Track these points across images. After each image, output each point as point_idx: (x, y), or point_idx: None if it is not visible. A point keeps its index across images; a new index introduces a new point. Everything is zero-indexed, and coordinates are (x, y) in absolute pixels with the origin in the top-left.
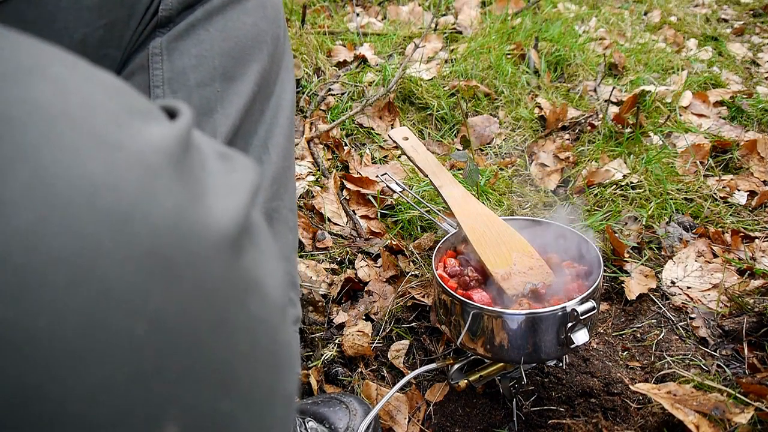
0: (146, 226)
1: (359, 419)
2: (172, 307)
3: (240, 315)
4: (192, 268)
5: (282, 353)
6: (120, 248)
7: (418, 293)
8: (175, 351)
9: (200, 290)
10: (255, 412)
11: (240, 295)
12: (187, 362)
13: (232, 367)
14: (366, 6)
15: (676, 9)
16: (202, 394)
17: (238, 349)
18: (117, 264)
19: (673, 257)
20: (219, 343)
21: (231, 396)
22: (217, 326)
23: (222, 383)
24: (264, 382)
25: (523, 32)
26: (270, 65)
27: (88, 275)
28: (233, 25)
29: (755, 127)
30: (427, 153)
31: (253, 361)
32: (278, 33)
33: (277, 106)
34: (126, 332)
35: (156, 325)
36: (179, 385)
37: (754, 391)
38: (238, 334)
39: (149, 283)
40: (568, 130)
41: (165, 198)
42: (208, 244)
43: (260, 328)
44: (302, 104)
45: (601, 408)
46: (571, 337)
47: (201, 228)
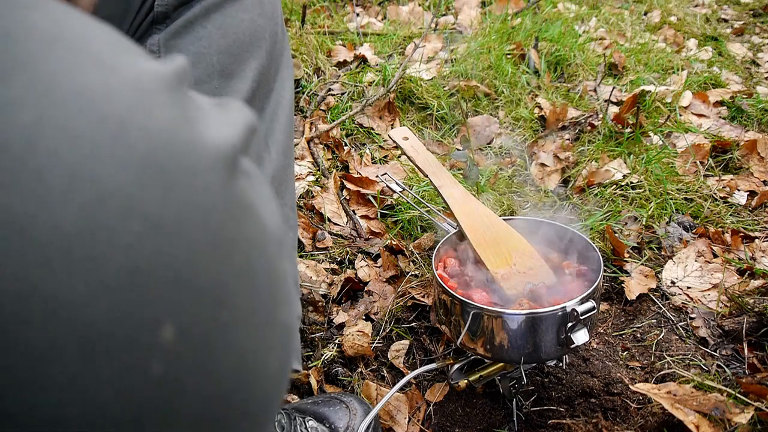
0: (142, 135)
1: (359, 419)
2: (167, 212)
3: (235, 233)
4: (187, 179)
5: (279, 284)
6: (116, 151)
7: (418, 293)
8: (170, 254)
9: (195, 200)
10: (253, 332)
11: (235, 213)
12: (182, 267)
13: (227, 282)
14: (366, 6)
15: (676, 9)
16: (198, 301)
17: (233, 266)
18: (113, 165)
19: (673, 257)
20: (213, 254)
21: (228, 309)
22: (212, 237)
23: (218, 295)
24: (261, 305)
25: (523, 32)
26: (269, 62)
27: (86, 173)
28: (231, 22)
29: (755, 127)
30: (427, 153)
31: (249, 281)
32: (276, 30)
33: (277, 104)
34: (121, 232)
35: (151, 226)
36: (175, 288)
37: (754, 391)
38: (233, 250)
39: (145, 186)
40: (568, 130)
41: (160, 114)
42: (202, 160)
43: (255, 251)
44: (302, 104)
45: (601, 408)
46: (571, 337)
47: (196, 144)
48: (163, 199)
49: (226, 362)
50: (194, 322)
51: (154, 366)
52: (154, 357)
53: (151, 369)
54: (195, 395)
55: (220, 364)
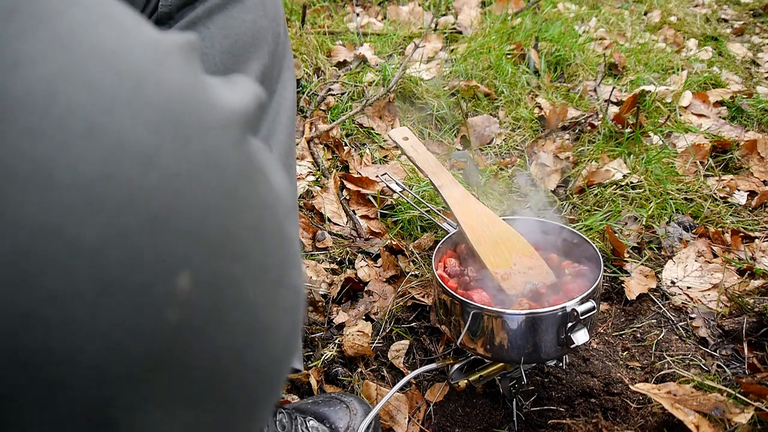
0: (158, 91)
1: (359, 419)
2: (183, 165)
3: (247, 191)
4: (202, 135)
5: (288, 247)
6: (133, 104)
7: (418, 293)
8: (186, 206)
9: (209, 156)
10: (265, 289)
11: (247, 173)
12: (197, 219)
13: (240, 237)
14: (366, 6)
15: (676, 9)
16: (214, 253)
17: (246, 222)
18: (131, 117)
19: (673, 257)
20: (227, 209)
21: (242, 264)
22: (226, 193)
23: (231, 249)
24: (273, 264)
25: (523, 32)
26: (271, 63)
27: (104, 124)
28: (234, 23)
29: (755, 127)
30: (427, 153)
31: (261, 239)
32: (278, 31)
33: (279, 105)
34: (139, 180)
35: (167, 177)
36: (191, 238)
37: (754, 391)
38: (246, 208)
39: (162, 139)
40: (568, 130)
41: (175, 73)
42: (217, 118)
43: (267, 212)
44: (302, 104)
45: (601, 408)
46: (571, 337)
47: (210, 104)
48: (179, 152)
49: (239, 315)
50: (209, 273)
51: (170, 312)
52: (170, 304)
53: (167, 315)
54: (209, 345)
55: (233, 317)
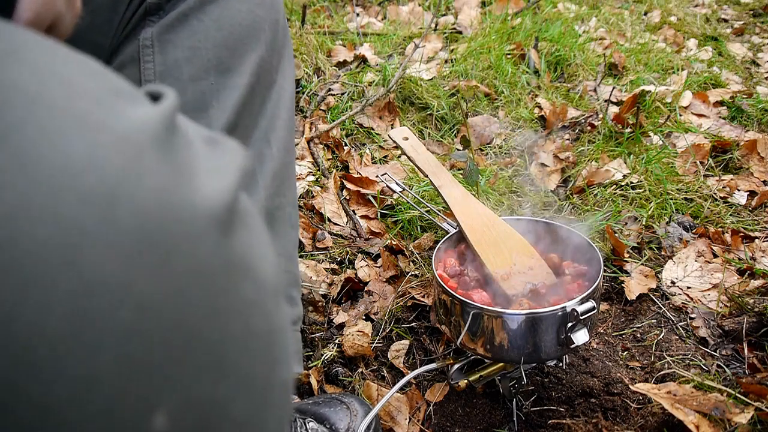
0: (131, 208)
1: (360, 420)
2: (160, 291)
3: (232, 298)
4: (179, 251)
5: (277, 339)
6: (104, 232)
7: (418, 293)
8: (165, 337)
9: (189, 273)
10: (251, 400)
11: (231, 277)
12: (177, 348)
13: (225, 353)
14: (366, 6)
15: (676, 9)
16: (195, 380)
17: (231, 334)
18: (101, 249)
19: (673, 257)
20: (211, 327)
21: (226, 383)
22: (208, 310)
23: (216, 369)
24: (260, 368)
25: (523, 32)
26: (269, 54)
27: (72, 262)
28: (228, 14)
29: (755, 127)
30: (427, 153)
31: (248, 346)
32: (277, 19)
33: (279, 98)
34: (112, 321)
35: (143, 311)
36: (170, 372)
37: (754, 391)
38: (230, 318)
39: (135, 268)
40: (568, 130)
41: (150, 178)
42: (195, 225)
43: (254, 312)
44: (302, 104)
45: (601, 408)
46: (571, 337)
47: (188, 208)
48: (155, 281)
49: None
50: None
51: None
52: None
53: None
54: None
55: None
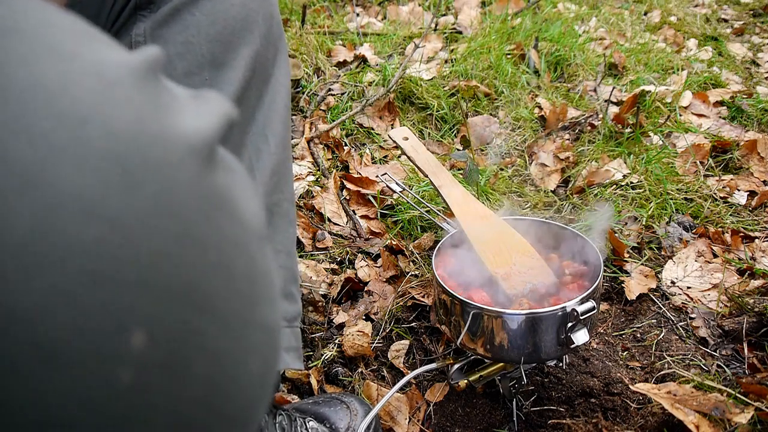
0: (104, 132)
1: (360, 419)
2: (131, 211)
3: (209, 230)
4: (154, 176)
5: (260, 283)
6: (75, 151)
7: (418, 293)
8: (135, 256)
9: (162, 198)
10: (231, 335)
11: (209, 209)
12: (149, 269)
13: (200, 283)
14: (366, 6)
15: (676, 9)
16: (171, 304)
17: (206, 265)
18: (71, 167)
19: (673, 257)
20: (184, 254)
21: (202, 312)
22: (182, 237)
23: (191, 298)
24: (239, 306)
25: (523, 32)
26: (264, 47)
27: (41, 176)
28: (220, 8)
29: (755, 127)
30: (427, 153)
31: (225, 281)
32: (271, 11)
33: (275, 92)
34: (80, 234)
35: (113, 228)
36: (142, 292)
37: (754, 391)
38: (206, 249)
39: (107, 189)
40: (568, 130)
41: (125, 106)
42: (172, 153)
43: (232, 249)
44: (302, 104)
45: (601, 408)
46: (571, 337)
47: (165, 137)
48: (126, 200)
49: (201, 367)
50: (166, 326)
51: (123, 375)
52: (121, 365)
53: (120, 378)
54: (169, 402)
55: (195, 370)
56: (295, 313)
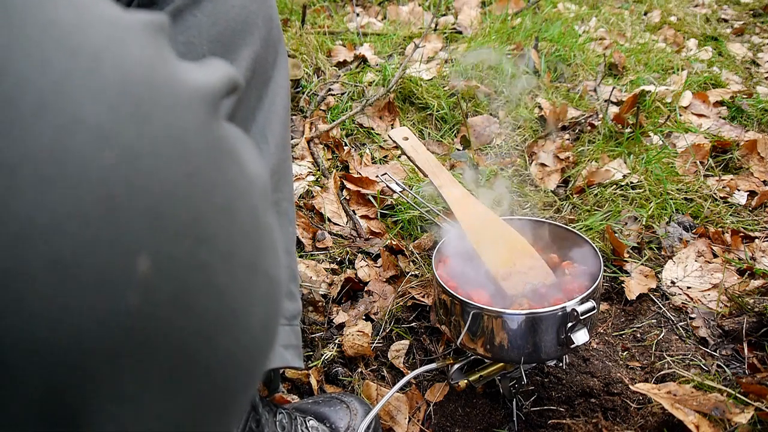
0: (117, 68)
1: (360, 419)
2: (142, 145)
3: (215, 172)
4: (164, 114)
5: (264, 233)
6: (89, 81)
7: (418, 293)
8: (146, 186)
9: (172, 136)
10: (234, 275)
11: (216, 154)
12: (158, 199)
13: (206, 220)
14: (366, 6)
15: (676, 9)
16: (176, 234)
17: (213, 205)
18: (85, 94)
19: (673, 257)
20: (192, 191)
21: (207, 247)
22: (190, 174)
23: (196, 232)
24: (243, 250)
25: (523, 32)
26: (264, 49)
27: (57, 101)
28: (221, 9)
29: (755, 127)
30: (427, 153)
31: (230, 222)
32: (270, 14)
33: (275, 94)
34: (94, 159)
35: (125, 157)
36: (150, 219)
37: (754, 391)
38: (213, 189)
39: (119, 118)
40: (568, 130)
41: (137, 50)
42: (181, 97)
43: (238, 196)
44: (302, 104)
45: (601, 408)
46: (571, 337)
47: (174, 82)
48: (138, 131)
49: (206, 302)
50: (171, 257)
51: (130, 297)
52: (129, 288)
53: (127, 300)
54: (174, 331)
55: (200, 303)
56: (295, 312)
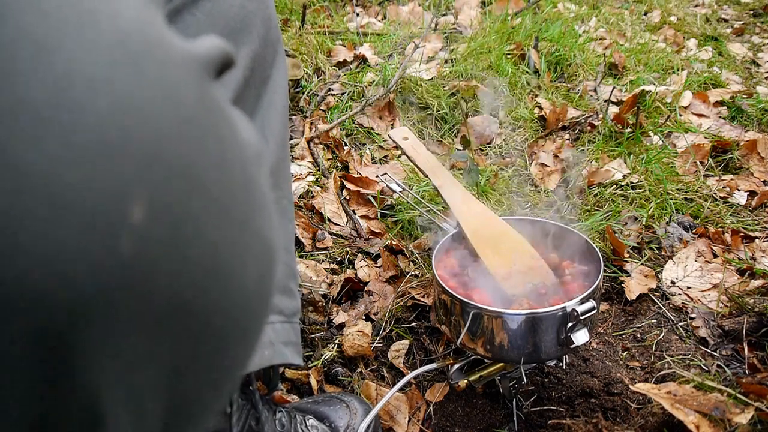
0: (112, 22)
1: (359, 418)
2: (136, 93)
3: (209, 127)
4: (158, 67)
5: (256, 193)
6: (85, 32)
7: (418, 293)
8: (140, 133)
9: (166, 87)
10: (227, 230)
11: (208, 110)
12: (152, 147)
13: (199, 171)
14: (366, 6)
15: (676, 9)
16: (169, 183)
17: (206, 157)
18: (82, 44)
19: (673, 257)
20: (186, 142)
21: (200, 198)
22: (184, 126)
23: (189, 182)
24: (236, 204)
25: (523, 32)
26: (263, 48)
27: (55, 49)
28: (220, 9)
29: (755, 127)
30: (427, 153)
31: (223, 175)
32: (269, 14)
33: (274, 92)
34: (90, 104)
35: (120, 103)
36: (144, 166)
37: (754, 391)
38: (206, 143)
39: (114, 67)
40: (568, 130)
41: (132, 10)
42: (174, 56)
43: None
44: (302, 104)
45: (601, 408)
46: (571, 337)
47: (168, 42)
48: (132, 80)
49: (199, 252)
50: (165, 204)
51: (124, 243)
52: (123, 232)
53: (121, 246)
54: (168, 280)
55: (193, 253)
56: (295, 309)
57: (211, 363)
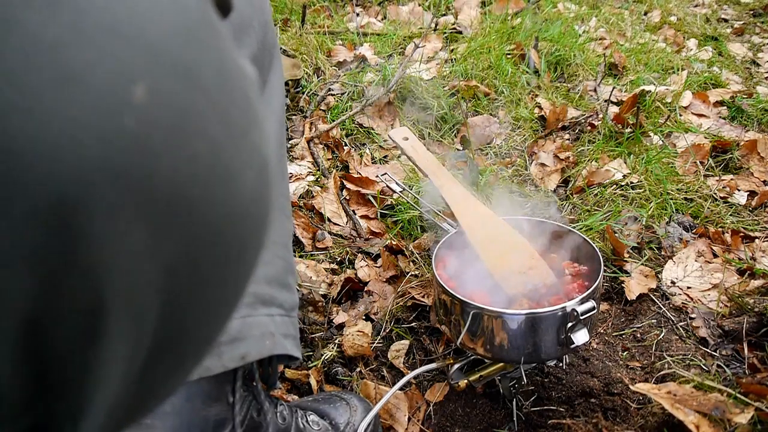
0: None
1: (360, 416)
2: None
3: (210, 37)
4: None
5: (255, 112)
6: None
7: (418, 293)
8: (145, 25)
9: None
10: (227, 132)
11: (210, 27)
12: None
13: (201, 71)
14: (366, 6)
15: (676, 9)
16: (172, 73)
17: (207, 61)
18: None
19: (673, 257)
20: (188, 43)
21: (202, 95)
22: (187, 28)
23: (190, 76)
24: (235, 113)
25: (523, 32)
26: (261, 52)
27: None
28: None
29: (755, 127)
30: (427, 153)
31: (223, 82)
32: (266, 19)
33: (271, 96)
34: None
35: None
36: (148, 54)
37: (754, 391)
38: (208, 49)
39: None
40: (568, 130)
41: None
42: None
43: (230, 66)
44: (302, 104)
45: (601, 408)
46: (571, 337)
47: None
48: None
49: (200, 145)
50: (167, 91)
51: (128, 119)
52: (127, 110)
53: (125, 121)
54: (169, 164)
55: (194, 145)
56: (293, 303)
57: (209, 275)
